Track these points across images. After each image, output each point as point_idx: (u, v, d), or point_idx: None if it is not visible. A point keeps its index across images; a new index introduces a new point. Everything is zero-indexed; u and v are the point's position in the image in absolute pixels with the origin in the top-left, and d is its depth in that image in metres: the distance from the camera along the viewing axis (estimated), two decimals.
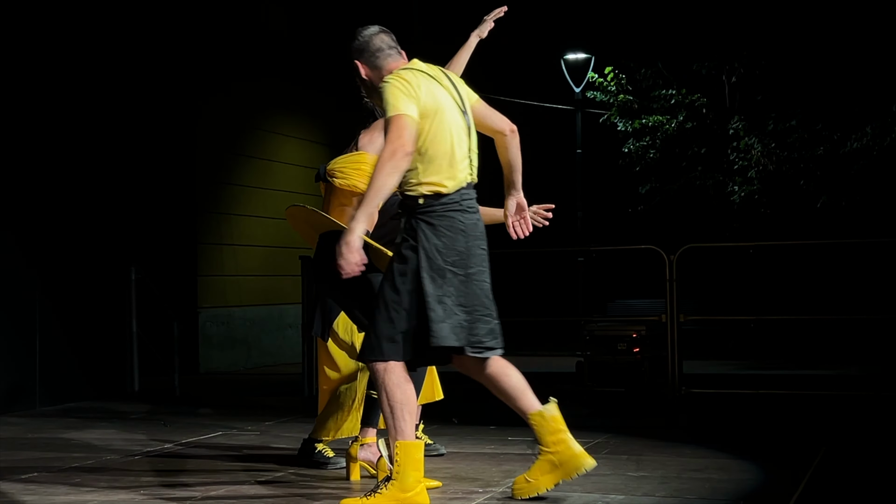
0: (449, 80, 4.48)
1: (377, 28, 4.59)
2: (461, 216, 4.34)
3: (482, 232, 4.43)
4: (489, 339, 4.37)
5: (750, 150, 16.71)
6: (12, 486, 5.06)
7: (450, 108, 4.38)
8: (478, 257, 4.37)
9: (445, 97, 4.39)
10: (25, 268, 8.62)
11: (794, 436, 6.68)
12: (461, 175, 4.37)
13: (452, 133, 4.36)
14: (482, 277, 4.38)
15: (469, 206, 4.38)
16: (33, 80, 8.82)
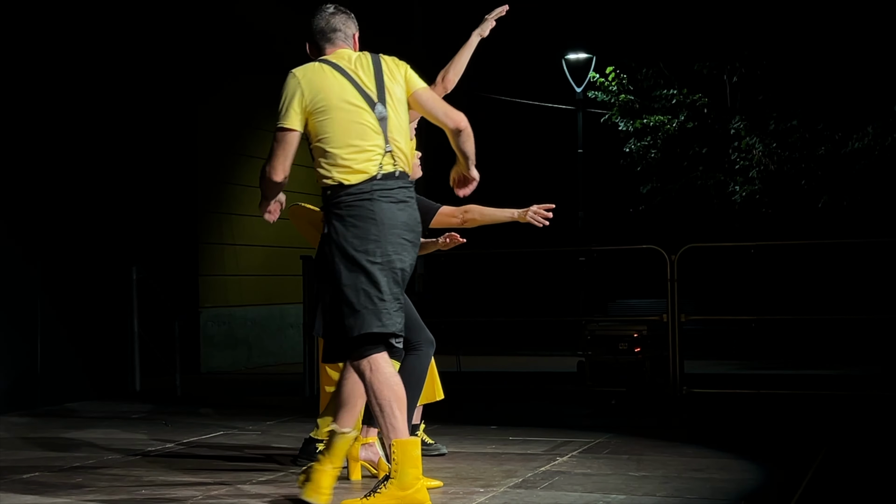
0: (374, 69, 4.39)
1: (332, 9, 4.57)
2: (371, 205, 4.24)
3: (404, 222, 4.29)
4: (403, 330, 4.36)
5: (751, 149, 16.71)
6: (13, 485, 5.06)
7: (353, 102, 4.31)
8: (397, 245, 4.27)
9: (349, 91, 4.33)
10: (27, 267, 8.63)
11: (796, 436, 6.67)
12: (370, 166, 4.27)
13: (356, 126, 4.30)
14: (398, 267, 4.29)
15: (384, 195, 4.26)
16: (35, 82, 8.82)
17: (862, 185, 16.31)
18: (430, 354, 4.91)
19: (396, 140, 4.35)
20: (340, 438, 4.41)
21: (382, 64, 4.42)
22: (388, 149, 4.32)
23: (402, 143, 4.37)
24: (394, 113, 4.36)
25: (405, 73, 4.44)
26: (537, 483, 4.97)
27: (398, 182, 4.32)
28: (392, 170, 4.31)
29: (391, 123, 4.35)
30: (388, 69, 4.42)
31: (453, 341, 9.97)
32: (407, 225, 4.32)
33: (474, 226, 5.48)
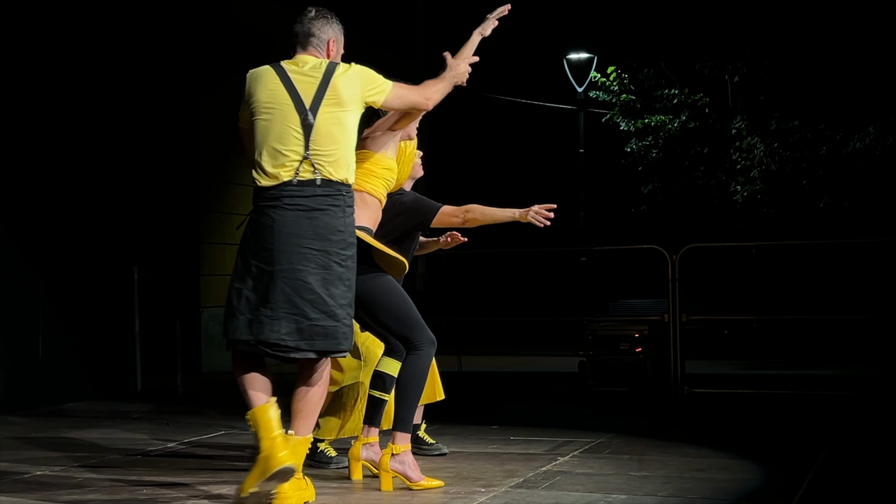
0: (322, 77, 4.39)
1: (312, 13, 4.59)
2: (274, 212, 4.28)
3: (310, 231, 4.27)
4: (292, 338, 4.28)
5: (752, 149, 16.71)
6: (15, 485, 5.06)
7: (281, 108, 4.37)
8: (294, 255, 4.25)
9: (281, 95, 4.39)
10: (28, 267, 8.63)
11: (797, 436, 6.67)
12: (283, 172, 4.30)
13: (278, 130, 4.35)
14: (294, 276, 4.25)
15: (290, 203, 4.27)
16: (36, 82, 8.83)
17: (863, 186, 16.32)
18: (432, 354, 4.91)
19: (321, 148, 4.33)
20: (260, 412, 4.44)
21: (335, 74, 4.40)
22: (306, 155, 4.31)
23: (331, 152, 4.34)
24: (326, 122, 4.35)
25: (365, 88, 4.43)
26: (538, 483, 4.97)
27: (316, 190, 4.30)
28: (311, 177, 4.30)
29: (318, 131, 4.33)
30: (342, 81, 4.39)
31: (454, 341, 9.98)
32: (315, 234, 4.28)
33: (475, 225, 5.47)
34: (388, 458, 4.80)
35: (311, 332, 4.27)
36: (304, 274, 4.26)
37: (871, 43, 16.32)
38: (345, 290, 4.33)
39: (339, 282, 4.31)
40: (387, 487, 4.81)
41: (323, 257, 4.28)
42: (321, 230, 4.28)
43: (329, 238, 4.29)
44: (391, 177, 5.05)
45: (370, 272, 4.82)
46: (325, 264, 4.28)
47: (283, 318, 4.24)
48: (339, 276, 4.31)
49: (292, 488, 4.33)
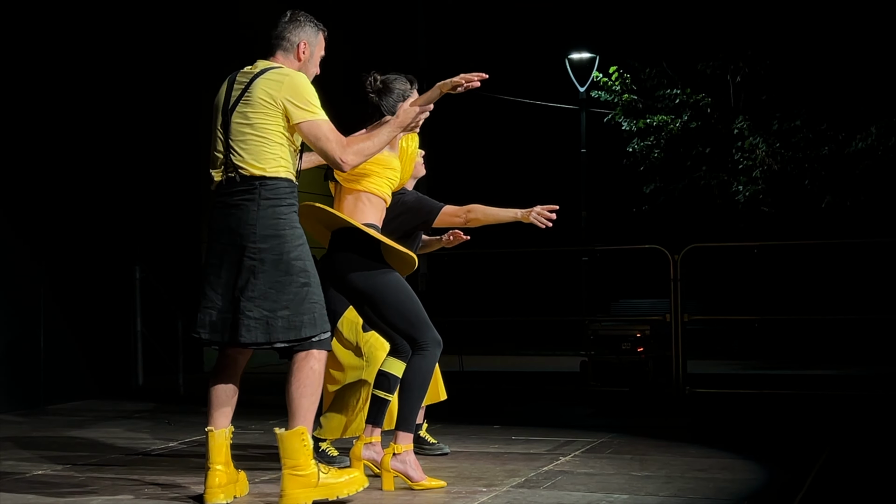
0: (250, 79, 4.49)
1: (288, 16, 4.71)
2: (212, 213, 4.51)
3: (225, 227, 4.42)
4: (205, 330, 4.50)
5: (754, 149, 16.70)
6: (16, 484, 5.07)
7: (216, 109, 4.53)
8: (213, 250, 4.48)
9: (219, 98, 4.55)
10: (30, 266, 8.64)
11: (799, 436, 6.67)
12: (215, 174, 4.48)
13: (213, 135, 4.52)
14: (211, 270, 4.47)
15: (218, 202, 4.47)
16: (37, 79, 8.83)
17: (865, 186, 16.31)
18: (437, 355, 4.91)
19: (236, 147, 4.41)
20: (208, 437, 4.58)
21: (262, 76, 4.47)
22: (227, 155, 4.43)
23: (244, 150, 4.41)
24: (238, 122, 4.42)
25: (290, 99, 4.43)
26: (540, 483, 4.97)
27: (235, 187, 4.41)
28: (232, 176, 4.42)
29: (232, 131, 4.43)
30: (264, 83, 4.44)
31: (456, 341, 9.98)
32: (229, 229, 4.42)
33: (477, 225, 5.47)
34: (389, 458, 4.80)
35: (220, 323, 4.46)
36: (218, 269, 4.45)
37: (873, 43, 16.31)
38: (255, 282, 4.37)
39: (248, 274, 4.37)
40: (388, 487, 4.81)
41: (235, 251, 4.40)
42: (233, 225, 4.40)
43: (240, 232, 4.39)
44: (395, 175, 5.04)
45: (378, 268, 4.82)
46: (237, 258, 4.40)
47: (203, 310, 4.50)
48: (249, 268, 4.37)
49: (294, 485, 4.40)
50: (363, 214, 4.94)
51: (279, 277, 4.37)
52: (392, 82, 5.11)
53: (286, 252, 4.39)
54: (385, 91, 5.07)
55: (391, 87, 5.09)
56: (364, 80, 5.06)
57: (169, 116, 12.55)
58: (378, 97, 5.04)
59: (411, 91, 5.12)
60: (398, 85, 5.10)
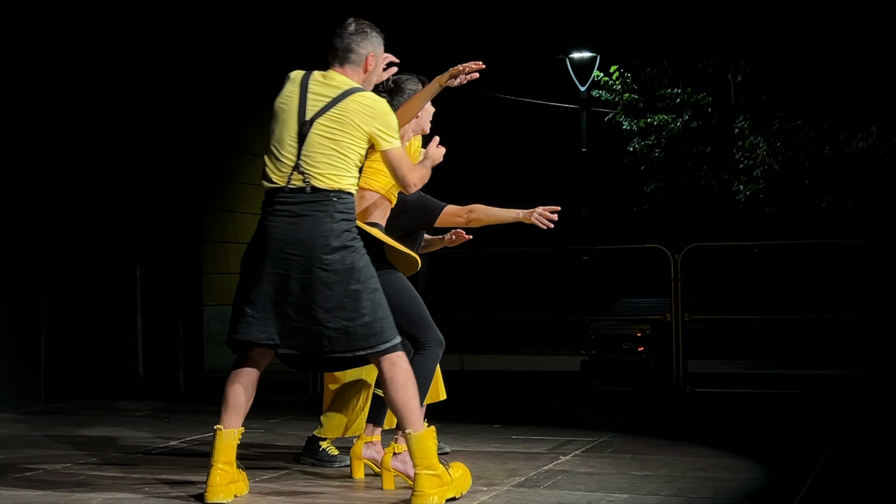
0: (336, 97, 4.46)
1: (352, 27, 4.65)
2: (266, 218, 4.45)
3: (293, 237, 4.37)
4: (279, 337, 4.42)
5: (755, 149, 16.71)
6: (17, 482, 5.07)
7: (288, 114, 4.48)
8: (277, 259, 4.39)
9: (293, 102, 4.49)
10: (30, 265, 8.63)
11: (800, 435, 6.67)
12: (277, 178, 4.45)
13: (278, 136, 4.48)
14: (277, 279, 4.39)
15: (280, 210, 4.41)
16: (38, 78, 8.82)
17: (866, 185, 16.31)
18: (439, 355, 4.91)
19: (312, 159, 4.40)
20: (217, 435, 4.52)
21: (351, 97, 4.46)
22: (298, 164, 4.40)
23: (322, 164, 4.40)
24: (320, 135, 4.42)
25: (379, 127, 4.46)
26: (540, 482, 4.97)
27: (304, 197, 4.39)
28: (298, 185, 4.40)
29: (311, 143, 4.41)
30: (356, 105, 4.45)
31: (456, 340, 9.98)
32: (298, 239, 4.37)
33: (479, 225, 5.47)
34: (390, 457, 4.80)
35: (297, 332, 4.39)
36: (286, 278, 4.38)
37: (874, 43, 16.31)
38: (331, 293, 4.35)
39: (323, 286, 4.35)
40: (389, 486, 4.80)
41: (305, 263, 4.36)
42: (302, 235, 4.37)
43: (311, 243, 4.36)
44: None
45: (381, 269, 4.82)
46: (307, 269, 4.36)
47: (270, 319, 4.40)
48: (322, 279, 4.35)
49: (431, 485, 4.37)
50: (368, 214, 4.95)
51: (354, 286, 4.37)
52: (404, 83, 5.19)
53: (357, 261, 4.40)
54: (397, 91, 5.15)
55: (403, 88, 5.18)
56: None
57: (170, 115, 12.55)
58: (390, 97, 5.08)
59: None
60: (409, 86, 5.20)
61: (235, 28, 13.61)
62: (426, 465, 4.37)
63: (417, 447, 4.38)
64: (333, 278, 4.36)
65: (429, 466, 4.37)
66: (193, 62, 12.86)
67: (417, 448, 4.38)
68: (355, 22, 4.65)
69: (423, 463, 4.37)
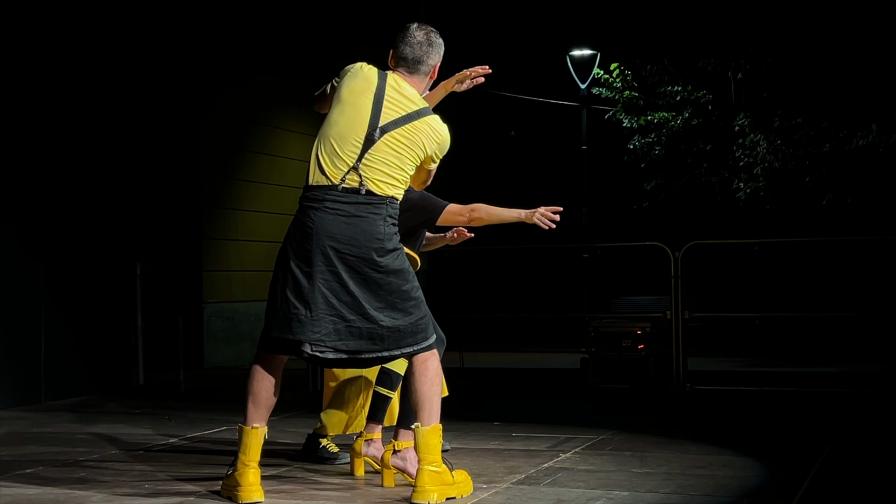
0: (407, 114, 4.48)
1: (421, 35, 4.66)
2: (315, 214, 4.39)
3: (347, 236, 4.37)
4: (330, 339, 4.38)
5: (755, 147, 16.70)
6: (17, 479, 5.07)
7: (357, 111, 4.46)
8: (331, 257, 4.36)
9: (363, 102, 4.47)
10: (31, 262, 8.64)
11: (799, 433, 6.68)
12: (332, 174, 4.42)
13: (342, 132, 4.45)
14: (331, 278, 4.36)
15: (331, 206, 4.38)
16: (39, 78, 8.82)
17: (866, 183, 16.31)
18: (441, 353, 4.91)
19: (373, 164, 4.41)
20: (248, 434, 4.53)
21: (423, 118, 4.51)
22: (356, 165, 4.40)
23: (380, 170, 4.42)
24: (387, 145, 4.43)
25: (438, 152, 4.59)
26: (540, 479, 4.98)
27: (359, 198, 4.40)
28: (352, 185, 4.40)
29: (376, 149, 4.42)
30: (427, 129, 4.52)
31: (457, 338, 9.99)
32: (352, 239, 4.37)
33: (480, 224, 5.48)
34: (390, 455, 4.80)
35: (348, 332, 4.39)
36: (339, 276, 4.37)
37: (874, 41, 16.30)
38: (383, 293, 4.40)
39: (375, 286, 4.39)
40: (389, 484, 4.81)
41: (358, 263, 4.38)
42: (358, 235, 4.38)
43: (365, 244, 4.38)
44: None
45: None
46: (360, 269, 4.38)
47: (322, 319, 4.35)
48: (375, 281, 4.39)
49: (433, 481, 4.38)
50: None
51: (403, 286, 4.44)
52: None
53: (405, 263, 4.49)
54: None
55: None
56: None
57: (170, 113, 12.55)
58: None
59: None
60: None
61: (235, 26, 13.61)
62: (430, 460, 4.39)
63: (424, 442, 4.40)
64: (387, 279, 4.40)
65: (432, 462, 4.39)
66: (194, 60, 12.85)
67: (424, 443, 4.40)
68: (423, 30, 4.65)
69: (427, 458, 4.39)
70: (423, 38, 4.61)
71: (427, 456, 4.40)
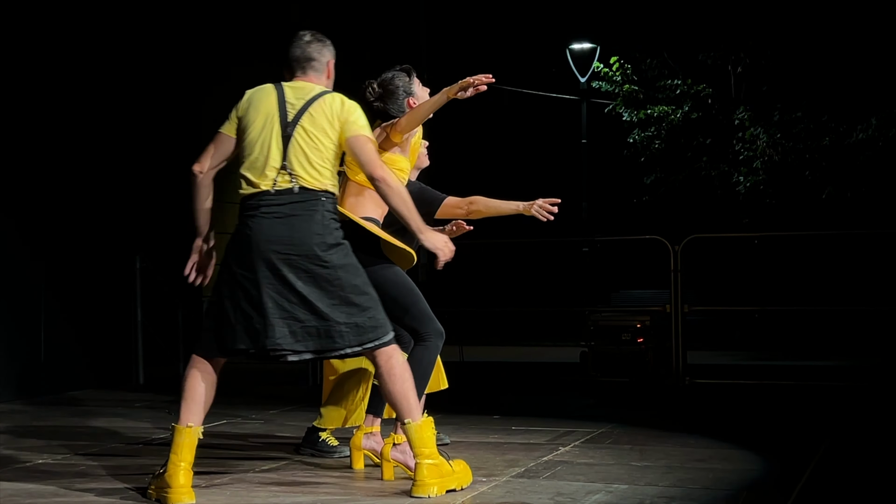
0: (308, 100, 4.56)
1: (308, 36, 4.79)
2: (252, 221, 4.49)
3: (286, 236, 4.40)
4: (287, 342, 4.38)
5: (755, 140, 16.70)
6: (17, 473, 5.08)
7: (268, 121, 4.57)
8: (273, 261, 4.39)
9: (270, 111, 4.60)
10: (30, 257, 8.63)
11: (798, 426, 6.68)
12: (263, 182, 4.53)
13: (262, 142, 4.56)
14: (277, 281, 4.38)
15: (266, 211, 4.47)
16: (37, 72, 8.82)
17: (865, 176, 16.31)
18: (439, 346, 4.91)
19: (298, 160, 4.48)
20: (181, 433, 4.46)
21: (319, 100, 4.56)
22: (283, 165, 4.48)
23: (307, 163, 4.48)
24: (303, 137, 4.49)
25: (342, 118, 4.52)
26: (540, 472, 4.98)
27: (293, 197, 4.45)
28: (285, 187, 4.47)
29: (295, 144, 4.49)
30: (324, 106, 4.54)
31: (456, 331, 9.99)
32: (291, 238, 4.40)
33: (478, 217, 5.47)
34: (389, 448, 4.81)
35: (305, 333, 4.38)
36: (285, 279, 4.37)
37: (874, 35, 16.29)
38: (333, 289, 4.38)
39: (325, 283, 4.38)
40: (388, 477, 4.82)
41: (303, 261, 4.38)
42: (297, 234, 4.40)
43: (306, 242, 4.39)
44: (402, 177, 5.05)
45: (378, 263, 4.83)
46: (306, 267, 4.38)
47: (276, 324, 4.36)
48: (324, 277, 4.38)
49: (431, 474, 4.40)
50: (364, 209, 4.95)
51: (353, 281, 4.42)
52: (391, 82, 5.08)
53: (351, 258, 4.46)
54: (387, 95, 5.05)
55: (393, 88, 5.06)
56: (363, 91, 5.03)
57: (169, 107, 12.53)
58: (383, 103, 5.03)
59: (412, 83, 5.11)
60: (398, 82, 5.08)
61: (235, 21, 13.59)
62: (426, 454, 4.40)
63: (417, 437, 4.41)
64: (335, 274, 4.38)
65: (429, 455, 4.40)
66: (192, 55, 12.84)
67: (417, 438, 4.41)
68: (311, 33, 4.76)
69: (423, 452, 4.40)
70: (310, 38, 4.74)
71: (423, 450, 4.41)
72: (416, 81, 5.12)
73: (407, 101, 5.03)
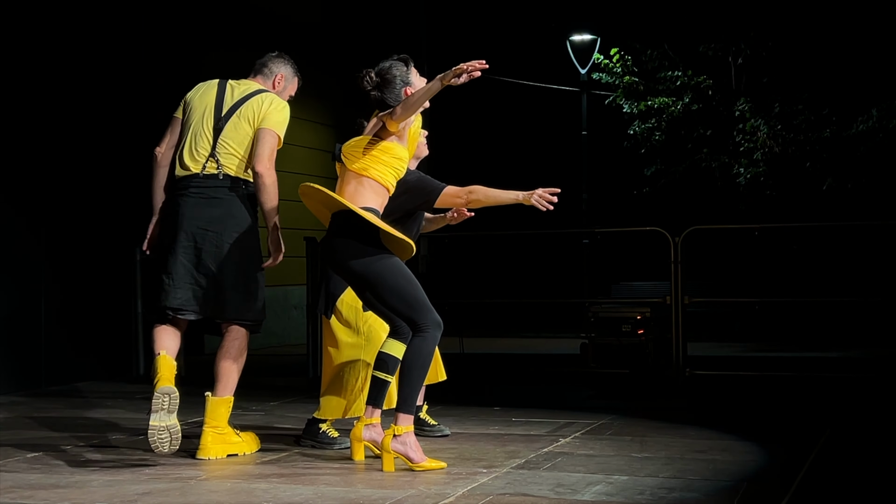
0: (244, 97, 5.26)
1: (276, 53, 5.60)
2: (181, 199, 5.20)
3: (207, 215, 5.14)
4: (189, 304, 5.15)
5: (756, 132, 16.68)
6: (18, 464, 5.08)
7: (206, 112, 5.26)
8: (193, 235, 5.13)
9: (209, 103, 5.28)
10: (31, 248, 8.64)
11: (799, 418, 6.68)
12: (193, 166, 5.22)
13: (196, 130, 5.25)
14: (192, 252, 5.13)
15: (195, 192, 5.18)
16: (37, 66, 8.81)
17: (866, 168, 16.30)
18: (437, 337, 4.90)
19: (226, 149, 5.20)
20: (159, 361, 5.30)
21: (254, 97, 5.26)
22: (213, 153, 5.20)
23: (234, 153, 5.21)
24: (232, 129, 5.20)
25: (264, 112, 5.21)
26: (540, 464, 4.98)
27: (217, 182, 5.19)
28: (215, 172, 5.20)
29: (224, 135, 5.20)
30: (254, 103, 5.23)
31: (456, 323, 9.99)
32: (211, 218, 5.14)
33: (478, 206, 5.47)
34: (390, 439, 4.81)
35: (204, 299, 5.14)
36: (199, 251, 5.12)
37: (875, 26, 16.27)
38: (236, 267, 5.13)
39: (229, 260, 5.12)
40: (389, 468, 4.82)
41: (217, 238, 5.11)
42: (219, 214, 5.13)
43: (224, 222, 5.14)
44: (401, 166, 5.04)
45: (377, 254, 4.82)
46: (219, 243, 5.11)
47: (181, 287, 5.11)
48: (230, 255, 5.11)
49: (214, 441, 5.15)
50: (363, 199, 4.93)
51: (256, 263, 5.21)
52: (388, 71, 5.03)
53: (258, 244, 5.20)
54: (384, 84, 5.00)
55: (390, 78, 5.01)
56: (360, 80, 5.01)
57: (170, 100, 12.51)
58: (380, 92, 5.00)
59: (409, 72, 5.09)
60: (395, 71, 5.03)
61: (235, 17, 13.58)
62: (213, 424, 5.17)
63: (212, 409, 5.18)
64: (241, 254, 5.14)
65: (215, 427, 5.17)
66: (192, 48, 12.82)
67: (211, 409, 5.19)
68: (279, 53, 5.54)
69: (210, 423, 5.17)
70: (276, 55, 5.53)
71: (211, 421, 5.16)
72: (413, 71, 5.11)
73: (404, 91, 5.01)
